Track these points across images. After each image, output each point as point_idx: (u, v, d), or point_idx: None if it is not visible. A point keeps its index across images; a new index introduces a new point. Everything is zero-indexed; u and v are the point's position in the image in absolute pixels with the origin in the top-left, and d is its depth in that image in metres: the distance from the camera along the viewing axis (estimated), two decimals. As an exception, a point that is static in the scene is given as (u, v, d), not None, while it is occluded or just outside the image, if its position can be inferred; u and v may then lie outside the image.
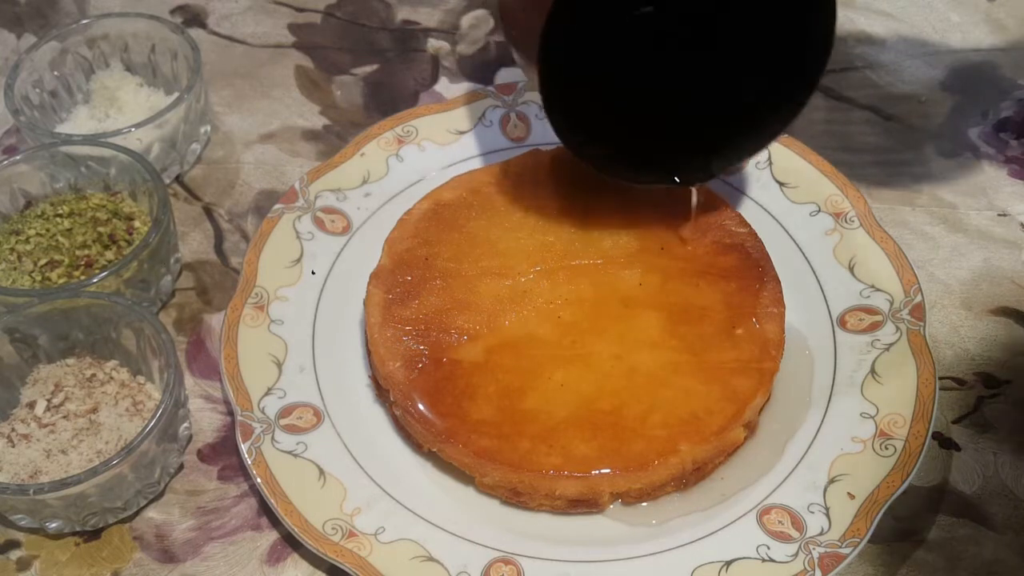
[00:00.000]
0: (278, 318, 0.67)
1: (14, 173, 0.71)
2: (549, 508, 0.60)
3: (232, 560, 0.60)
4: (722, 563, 0.56)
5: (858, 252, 0.68)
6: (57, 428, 0.60)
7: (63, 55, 0.78)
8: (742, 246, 0.66)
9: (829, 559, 0.56)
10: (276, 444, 0.61)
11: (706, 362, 0.61)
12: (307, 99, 0.84)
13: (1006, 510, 0.61)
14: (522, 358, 0.61)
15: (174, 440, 0.61)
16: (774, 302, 0.63)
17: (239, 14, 0.91)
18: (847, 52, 0.86)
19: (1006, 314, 0.70)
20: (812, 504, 0.58)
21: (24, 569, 0.60)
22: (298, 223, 0.71)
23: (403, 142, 0.76)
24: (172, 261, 0.70)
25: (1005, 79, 0.84)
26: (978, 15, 0.89)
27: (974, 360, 0.67)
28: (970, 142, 0.80)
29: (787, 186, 0.73)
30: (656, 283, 0.64)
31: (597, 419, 0.59)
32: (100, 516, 0.60)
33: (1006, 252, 0.73)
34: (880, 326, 0.65)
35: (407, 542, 0.58)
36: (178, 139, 0.76)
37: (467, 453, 0.59)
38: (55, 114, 0.78)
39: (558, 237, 0.67)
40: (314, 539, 0.57)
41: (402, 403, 0.61)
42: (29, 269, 0.67)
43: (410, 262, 0.66)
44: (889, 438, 0.60)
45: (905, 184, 0.77)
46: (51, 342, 0.64)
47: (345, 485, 0.60)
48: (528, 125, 0.77)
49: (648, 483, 0.59)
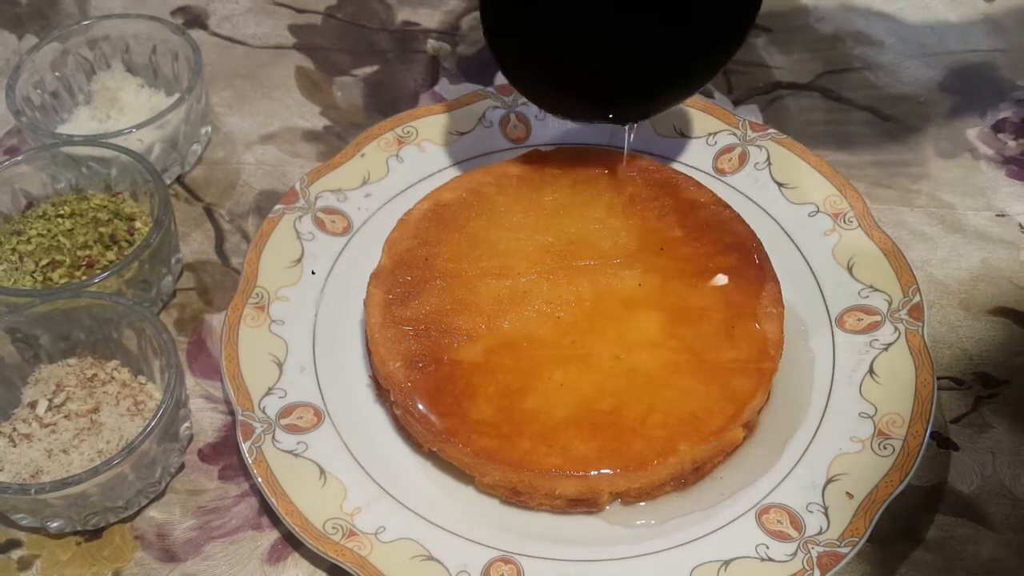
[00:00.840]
0: (279, 318, 0.67)
1: (15, 174, 0.71)
2: (549, 508, 0.60)
3: (233, 559, 0.60)
4: (721, 562, 0.57)
5: (857, 252, 0.69)
6: (58, 428, 0.60)
7: (64, 56, 0.78)
8: (741, 246, 0.66)
9: (828, 558, 0.56)
10: (277, 444, 0.61)
11: (705, 362, 0.61)
12: (308, 100, 0.84)
13: (1004, 510, 0.61)
14: (522, 358, 0.61)
15: (175, 440, 0.62)
16: (773, 302, 0.64)
17: (240, 15, 0.91)
18: (846, 53, 0.87)
19: (1004, 314, 0.70)
20: (811, 504, 0.58)
21: (25, 568, 0.60)
22: (299, 223, 0.71)
23: (403, 143, 0.76)
24: (173, 261, 0.71)
25: (1003, 80, 0.84)
26: (977, 16, 0.89)
27: (972, 360, 0.68)
28: (968, 143, 0.80)
29: (786, 186, 0.73)
30: (655, 283, 0.65)
31: (597, 419, 0.59)
32: (101, 516, 0.60)
33: (1004, 252, 0.73)
34: (879, 326, 0.65)
35: (407, 541, 0.58)
36: (179, 140, 0.76)
37: (467, 453, 0.59)
38: (56, 115, 0.78)
39: (558, 237, 0.67)
40: (314, 538, 0.57)
41: (402, 403, 0.61)
42: (30, 269, 0.67)
43: (410, 262, 0.66)
44: (888, 438, 0.60)
45: (904, 184, 0.77)
46: (52, 342, 0.64)
47: (345, 485, 0.60)
48: (528, 126, 0.77)
49: (647, 483, 0.59)
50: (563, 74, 0.67)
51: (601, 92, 0.69)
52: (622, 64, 0.66)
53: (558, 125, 0.77)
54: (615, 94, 0.69)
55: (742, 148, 0.75)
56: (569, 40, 0.65)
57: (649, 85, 0.68)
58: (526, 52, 0.66)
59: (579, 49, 0.65)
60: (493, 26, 0.65)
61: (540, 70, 0.67)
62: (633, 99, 0.69)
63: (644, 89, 0.68)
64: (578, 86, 0.68)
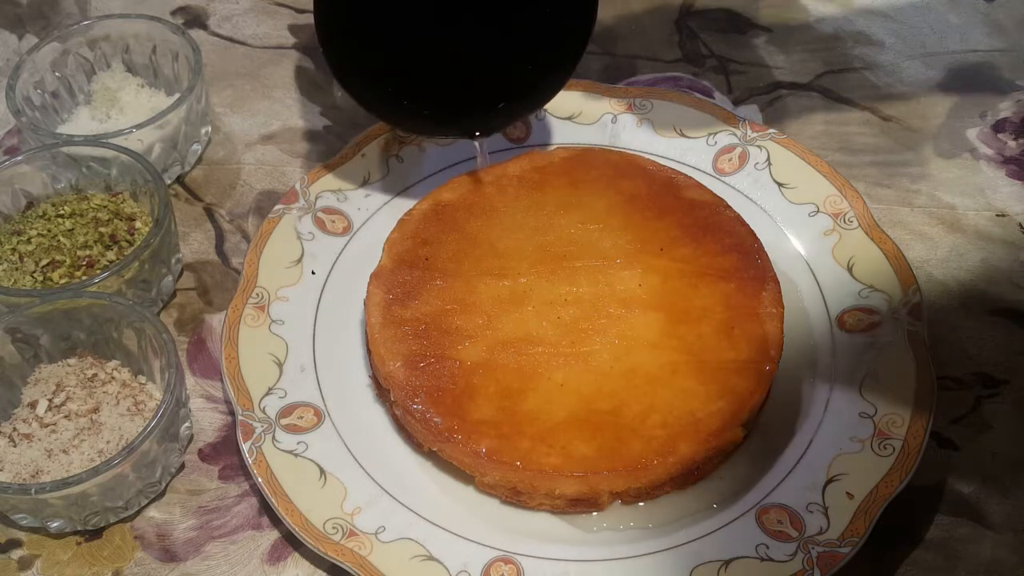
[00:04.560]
0: (279, 318, 0.67)
1: (16, 174, 0.71)
2: (549, 507, 0.60)
3: (233, 559, 0.60)
4: (721, 562, 0.57)
5: (857, 252, 0.69)
6: (58, 428, 0.60)
7: (64, 56, 0.78)
8: (741, 246, 0.66)
9: (828, 558, 0.56)
10: (277, 444, 0.61)
11: (705, 362, 0.61)
12: (308, 100, 0.84)
13: (1004, 509, 0.61)
14: (522, 358, 0.61)
15: (175, 440, 0.62)
16: (773, 302, 0.64)
17: (240, 15, 0.91)
18: (846, 53, 0.87)
19: (1004, 314, 0.70)
20: (811, 503, 0.58)
21: (25, 568, 0.60)
22: (299, 223, 0.71)
23: (403, 143, 0.76)
24: (173, 261, 0.71)
25: (1003, 80, 0.84)
26: (977, 16, 0.89)
27: (972, 360, 0.68)
28: (968, 143, 0.80)
29: (786, 186, 0.73)
30: (655, 284, 0.65)
31: (596, 419, 0.59)
32: (101, 515, 0.60)
33: (1004, 252, 0.73)
34: (879, 326, 0.65)
35: (407, 541, 0.58)
36: (179, 140, 0.76)
37: (467, 453, 0.59)
38: (56, 115, 0.78)
39: (558, 238, 0.67)
40: (315, 538, 0.57)
41: (402, 403, 0.61)
42: (31, 269, 0.67)
43: (410, 262, 0.66)
44: (888, 438, 0.60)
45: (904, 184, 0.77)
46: (52, 342, 0.64)
47: (345, 484, 0.60)
48: (528, 126, 0.77)
49: (647, 483, 0.59)
50: (399, 85, 0.68)
51: (440, 104, 0.69)
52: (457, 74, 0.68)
53: (558, 125, 0.77)
54: (454, 106, 0.69)
55: (742, 148, 0.75)
56: (402, 49, 0.66)
57: (482, 98, 0.69)
58: (361, 58, 0.67)
59: (414, 60, 0.66)
60: (325, 34, 0.65)
61: (376, 80, 0.68)
62: (471, 111, 0.70)
63: (480, 101, 0.69)
64: (415, 98, 0.69)
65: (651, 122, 0.76)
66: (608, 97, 0.78)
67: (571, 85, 0.77)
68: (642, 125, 0.76)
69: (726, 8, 0.90)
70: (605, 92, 0.78)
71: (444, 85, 0.68)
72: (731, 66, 0.86)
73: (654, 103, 0.77)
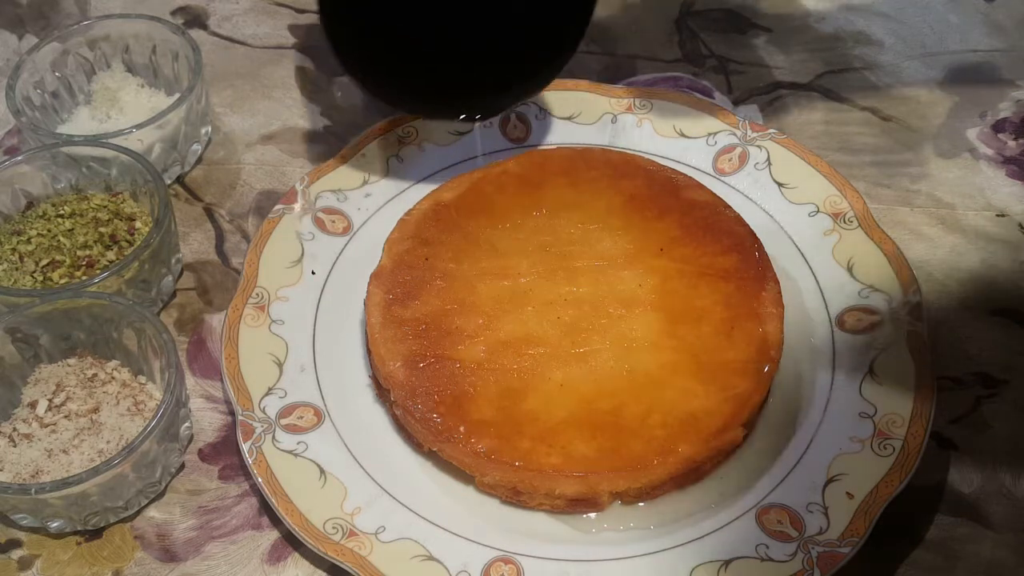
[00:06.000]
0: (279, 318, 0.67)
1: (15, 174, 0.71)
2: (549, 507, 0.60)
3: (233, 559, 0.60)
4: (721, 562, 0.57)
5: (857, 252, 0.69)
6: (58, 428, 0.60)
7: (64, 56, 0.78)
8: (741, 246, 0.66)
9: (827, 558, 0.56)
10: (277, 444, 0.61)
11: (705, 363, 0.61)
12: (308, 100, 0.84)
13: (1004, 509, 0.61)
14: (522, 358, 0.61)
15: (175, 440, 0.62)
16: (773, 303, 0.64)
17: (240, 15, 0.91)
18: (846, 53, 0.87)
19: (1004, 314, 0.70)
20: (811, 504, 0.58)
21: (26, 568, 0.60)
22: (299, 223, 0.71)
23: (403, 143, 0.76)
24: (173, 261, 0.71)
25: (1003, 80, 0.84)
26: (977, 16, 0.89)
27: (972, 360, 0.68)
28: (968, 143, 0.80)
29: (786, 186, 0.73)
30: (655, 284, 0.65)
31: (596, 419, 0.59)
32: (101, 515, 0.60)
33: (1004, 252, 0.73)
34: (879, 326, 0.65)
35: (407, 541, 0.58)
36: (179, 140, 0.76)
37: (467, 453, 0.59)
38: (56, 115, 0.78)
39: (558, 238, 0.67)
40: (315, 538, 0.57)
41: (402, 403, 0.61)
42: (31, 269, 0.67)
43: (410, 262, 0.66)
44: (887, 438, 0.60)
45: (903, 184, 0.77)
46: (52, 342, 0.64)
47: (345, 484, 0.60)
48: (528, 126, 0.77)
49: (647, 483, 0.59)
50: (401, 64, 0.68)
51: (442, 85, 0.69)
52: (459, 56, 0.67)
53: (558, 125, 0.77)
54: (457, 87, 0.69)
55: (742, 148, 0.75)
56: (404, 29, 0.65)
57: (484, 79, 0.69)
58: (363, 39, 0.67)
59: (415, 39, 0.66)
60: (329, 14, 0.66)
61: (378, 60, 0.68)
62: (473, 93, 0.70)
63: (482, 83, 0.69)
64: (416, 78, 0.69)
65: (651, 122, 0.76)
66: (608, 97, 0.78)
67: (571, 85, 0.78)
68: (642, 125, 0.76)
69: (726, 8, 0.91)
70: (605, 92, 0.78)
71: (445, 62, 0.67)
72: (731, 66, 0.86)
73: (654, 103, 0.77)
